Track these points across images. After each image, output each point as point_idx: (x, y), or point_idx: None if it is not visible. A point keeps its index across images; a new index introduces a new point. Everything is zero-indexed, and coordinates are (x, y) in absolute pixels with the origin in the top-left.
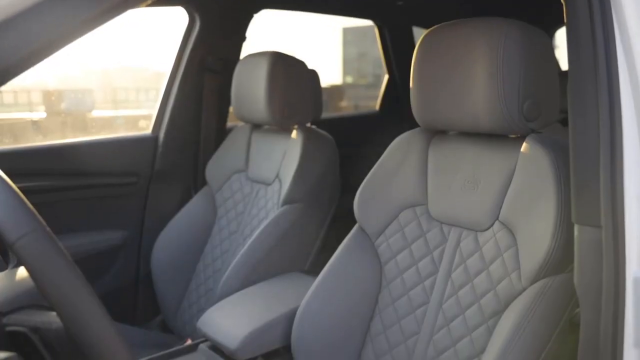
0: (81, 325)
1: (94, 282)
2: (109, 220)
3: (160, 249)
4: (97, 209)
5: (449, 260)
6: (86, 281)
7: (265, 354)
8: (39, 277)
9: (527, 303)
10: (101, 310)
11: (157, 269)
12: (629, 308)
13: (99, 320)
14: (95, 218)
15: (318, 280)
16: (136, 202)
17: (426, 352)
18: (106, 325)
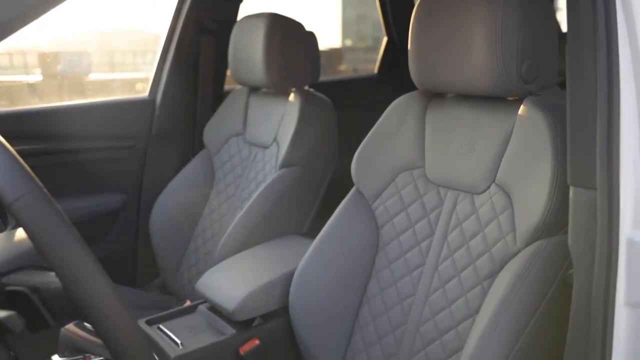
0: (80, 285)
1: (93, 246)
2: (107, 184)
3: (158, 212)
4: (95, 172)
5: (445, 222)
6: (84, 242)
7: (263, 315)
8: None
9: (521, 264)
10: (99, 270)
11: (155, 232)
12: (622, 268)
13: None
14: (93, 181)
15: (315, 243)
16: (134, 165)
17: (422, 313)
18: (105, 285)
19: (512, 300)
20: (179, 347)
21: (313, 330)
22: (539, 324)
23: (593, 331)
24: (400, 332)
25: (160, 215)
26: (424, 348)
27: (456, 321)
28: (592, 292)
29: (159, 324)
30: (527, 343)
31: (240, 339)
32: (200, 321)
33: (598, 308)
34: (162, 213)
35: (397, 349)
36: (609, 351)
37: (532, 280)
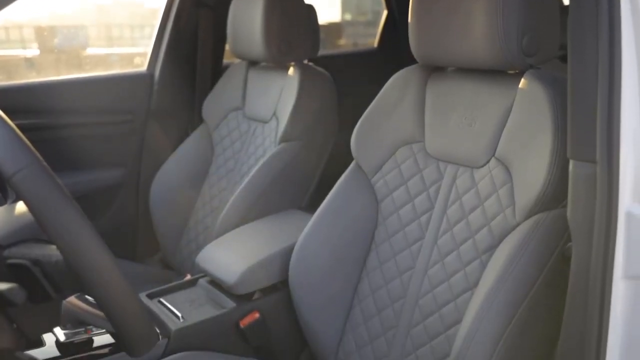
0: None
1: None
2: (106, 159)
3: (158, 187)
4: (94, 147)
5: (444, 196)
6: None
7: (262, 289)
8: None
9: (520, 238)
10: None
11: (155, 207)
12: (620, 241)
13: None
14: (92, 156)
15: (315, 217)
16: (133, 140)
17: (421, 286)
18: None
19: (511, 272)
20: (180, 320)
21: (312, 303)
22: (537, 297)
23: (591, 303)
24: (400, 305)
25: (160, 190)
26: (423, 321)
27: (455, 294)
28: (591, 264)
29: (159, 298)
30: (525, 315)
31: (240, 312)
32: (200, 295)
33: (596, 280)
34: (161, 188)
35: (396, 322)
36: (606, 323)
37: (530, 253)
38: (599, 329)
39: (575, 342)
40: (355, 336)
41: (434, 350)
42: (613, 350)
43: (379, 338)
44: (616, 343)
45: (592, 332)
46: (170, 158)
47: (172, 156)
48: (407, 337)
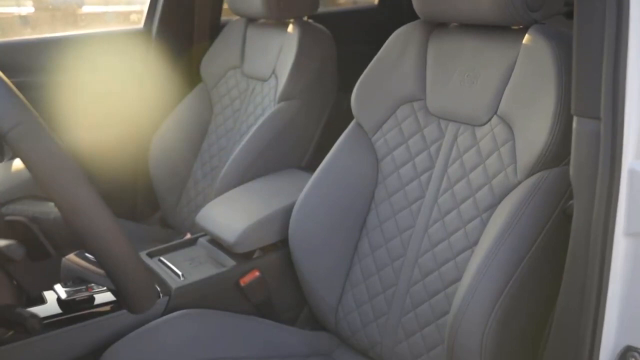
0: (79, 215)
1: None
2: (103, 118)
3: (156, 147)
4: (91, 106)
5: (445, 155)
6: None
7: (263, 248)
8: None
9: (521, 196)
10: (98, 199)
11: (154, 166)
12: (622, 199)
13: (97, 210)
14: (89, 115)
15: (315, 176)
16: (131, 99)
17: (421, 245)
18: (105, 215)
19: (511, 230)
20: (180, 279)
21: (312, 262)
22: (537, 255)
23: (591, 261)
24: (399, 263)
25: (159, 150)
26: (423, 279)
27: (455, 253)
28: (592, 222)
29: (159, 257)
30: (525, 273)
31: (241, 270)
32: (200, 253)
33: (597, 238)
34: (160, 147)
35: (395, 280)
36: (606, 280)
37: (531, 211)
38: (599, 286)
39: (574, 300)
40: (354, 294)
41: (433, 308)
42: (612, 308)
43: (378, 296)
44: (615, 300)
45: (592, 289)
46: (169, 117)
47: (170, 115)
48: (407, 295)
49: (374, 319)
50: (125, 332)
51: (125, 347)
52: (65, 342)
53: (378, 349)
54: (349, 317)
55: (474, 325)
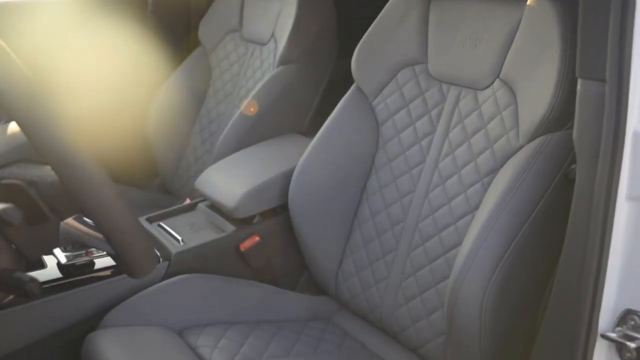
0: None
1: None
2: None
3: (155, 111)
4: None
5: (447, 119)
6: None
7: (262, 213)
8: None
9: (523, 160)
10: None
11: (153, 132)
12: (626, 162)
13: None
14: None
15: (315, 141)
16: (128, 63)
17: (421, 210)
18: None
19: (513, 195)
20: (180, 244)
21: (312, 227)
22: (539, 219)
23: (593, 225)
24: (399, 228)
25: (157, 116)
26: (423, 244)
27: (455, 217)
28: (595, 186)
29: (159, 222)
30: (526, 238)
31: (240, 235)
32: (200, 218)
33: (599, 202)
34: (158, 113)
35: (395, 245)
36: (608, 244)
37: (533, 175)
38: (600, 250)
39: (575, 264)
40: (355, 259)
41: (434, 272)
42: (613, 271)
43: (378, 261)
44: (616, 264)
45: (593, 253)
46: (167, 81)
47: (169, 80)
48: (407, 260)
49: (374, 284)
50: (125, 297)
51: (125, 310)
52: (65, 307)
53: (378, 313)
54: (349, 282)
55: (474, 289)
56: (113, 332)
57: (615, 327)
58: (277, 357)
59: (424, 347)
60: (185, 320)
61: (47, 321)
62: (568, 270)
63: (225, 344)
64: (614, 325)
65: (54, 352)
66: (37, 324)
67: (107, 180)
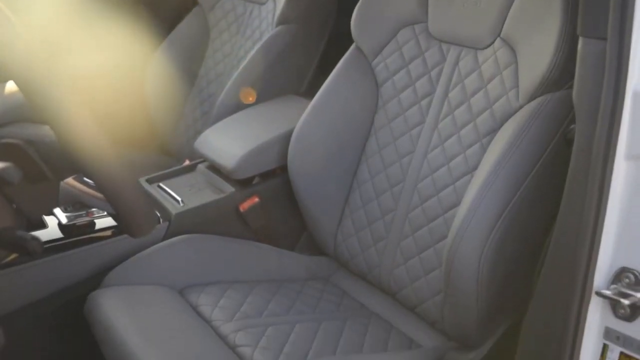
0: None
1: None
2: (96, 44)
3: (153, 73)
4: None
5: (446, 79)
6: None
7: (262, 174)
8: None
9: (522, 120)
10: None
11: (151, 94)
12: (625, 121)
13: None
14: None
15: (314, 102)
16: (124, 24)
17: (420, 170)
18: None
19: (511, 155)
20: (180, 205)
21: (312, 188)
22: (537, 179)
23: (591, 184)
24: (398, 189)
25: (155, 76)
26: (421, 204)
27: (454, 178)
28: (593, 145)
29: (159, 183)
30: (524, 198)
31: (240, 196)
32: (199, 180)
33: (597, 161)
34: (156, 74)
35: (394, 205)
36: (605, 203)
37: (532, 135)
38: (597, 209)
39: (572, 223)
40: (353, 220)
41: (432, 232)
42: (609, 230)
43: (377, 221)
44: (613, 223)
45: (590, 212)
46: (165, 42)
47: (166, 40)
48: (406, 220)
49: (372, 244)
50: (126, 257)
51: (127, 270)
52: (67, 266)
53: (376, 273)
54: (348, 242)
55: (471, 249)
56: (115, 291)
57: (610, 284)
58: (277, 315)
59: (421, 305)
60: (186, 280)
61: (49, 280)
62: (565, 229)
63: (226, 302)
64: (609, 283)
65: (57, 310)
66: (40, 283)
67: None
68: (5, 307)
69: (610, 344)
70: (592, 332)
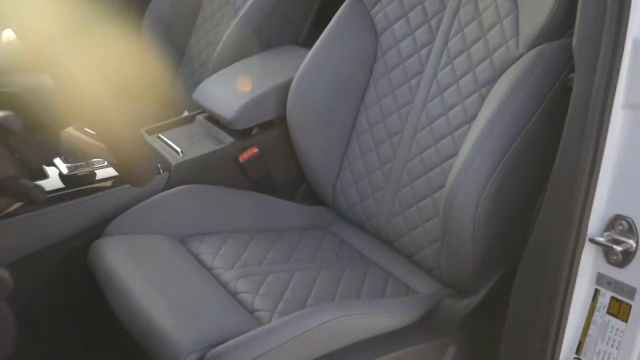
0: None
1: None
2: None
3: (150, 23)
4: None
5: (446, 28)
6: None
7: (261, 125)
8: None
9: (522, 69)
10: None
11: (148, 43)
12: (624, 69)
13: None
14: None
15: (313, 51)
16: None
17: (419, 120)
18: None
19: (510, 104)
20: (180, 155)
21: (311, 139)
22: (534, 129)
23: (588, 132)
24: (397, 139)
25: (152, 26)
26: (420, 154)
27: (452, 127)
28: (592, 93)
29: (158, 134)
30: (522, 147)
31: (239, 147)
32: (198, 131)
33: (595, 109)
34: (153, 24)
35: (393, 156)
36: (601, 152)
37: (531, 84)
38: (593, 158)
39: (568, 170)
40: (352, 170)
41: (430, 181)
42: (604, 178)
43: (375, 171)
44: (608, 171)
45: (586, 160)
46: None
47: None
48: (404, 170)
49: (371, 194)
50: (128, 206)
51: (128, 219)
52: (70, 216)
53: (374, 222)
54: (347, 192)
55: (468, 197)
56: (117, 240)
57: (603, 232)
58: (276, 264)
59: (419, 253)
60: (187, 229)
61: (52, 230)
62: (561, 177)
63: (226, 251)
64: (603, 230)
65: (61, 259)
66: (43, 232)
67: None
68: (10, 256)
69: (602, 289)
70: (585, 278)
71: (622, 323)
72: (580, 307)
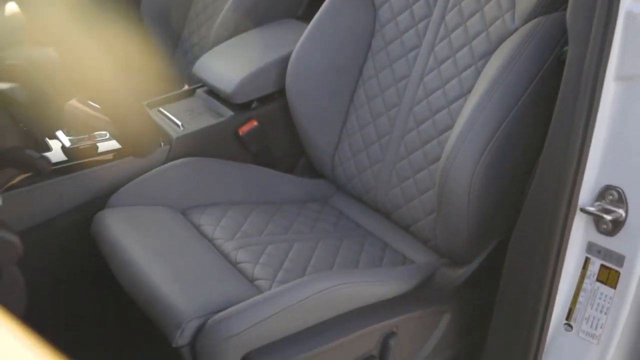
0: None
1: None
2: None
3: None
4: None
5: (443, 2)
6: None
7: (260, 98)
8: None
9: (517, 42)
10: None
11: (148, 19)
12: (617, 41)
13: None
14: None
15: (311, 25)
16: None
17: (416, 93)
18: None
19: (505, 77)
20: (180, 129)
21: (309, 112)
22: (529, 101)
23: (580, 104)
24: (394, 112)
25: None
26: (417, 127)
27: (449, 100)
28: (584, 65)
29: (159, 107)
30: (516, 120)
31: (239, 120)
32: (199, 104)
33: (588, 81)
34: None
35: (390, 129)
36: (593, 123)
37: (526, 57)
38: (585, 129)
39: (560, 142)
40: (350, 143)
41: (427, 154)
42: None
43: (373, 144)
44: (600, 142)
45: (578, 132)
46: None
47: None
48: (401, 143)
49: (369, 166)
50: (130, 179)
51: (131, 191)
52: (73, 187)
53: (372, 194)
54: (345, 165)
55: (463, 169)
56: (120, 211)
57: (594, 201)
58: (276, 235)
59: (415, 224)
60: (188, 201)
61: (56, 202)
62: (553, 148)
63: (227, 222)
64: (593, 200)
65: (64, 230)
66: (47, 204)
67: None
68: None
69: (592, 257)
70: (575, 246)
71: (611, 290)
72: (571, 275)
